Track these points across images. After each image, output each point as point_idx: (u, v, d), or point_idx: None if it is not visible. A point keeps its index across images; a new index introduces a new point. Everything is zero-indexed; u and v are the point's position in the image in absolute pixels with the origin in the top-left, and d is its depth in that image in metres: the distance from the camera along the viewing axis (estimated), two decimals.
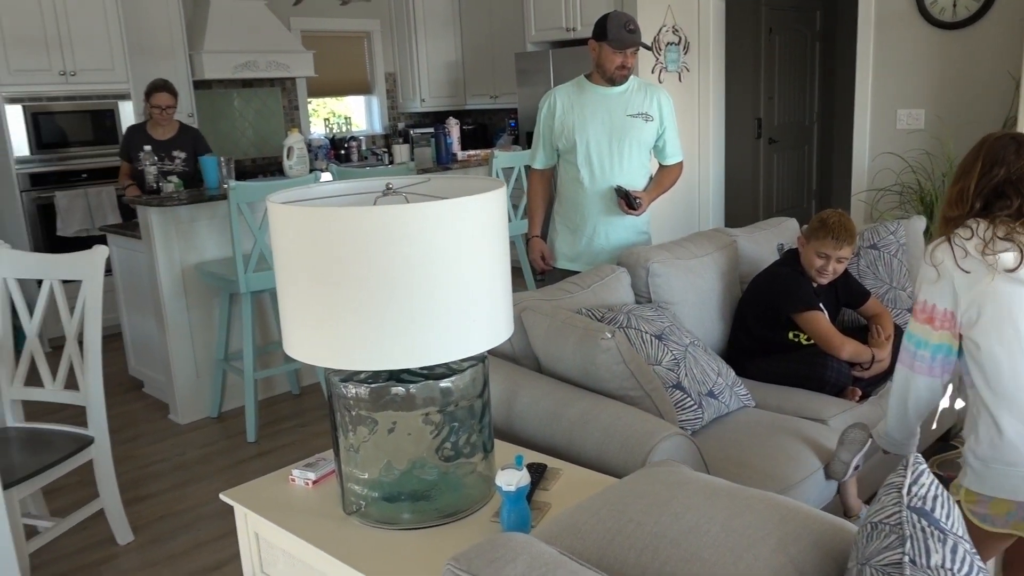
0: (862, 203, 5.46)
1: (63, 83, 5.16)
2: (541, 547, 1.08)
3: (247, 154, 6.77)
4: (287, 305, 1.61)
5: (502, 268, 1.65)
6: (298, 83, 7.03)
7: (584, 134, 3.20)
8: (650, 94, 3.26)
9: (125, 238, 4.16)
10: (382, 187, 1.75)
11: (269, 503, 1.87)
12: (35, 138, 5.16)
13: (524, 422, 2.18)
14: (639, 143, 3.24)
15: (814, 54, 7.82)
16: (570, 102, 3.23)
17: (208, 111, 6.47)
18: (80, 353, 2.78)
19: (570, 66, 6.00)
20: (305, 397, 4.39)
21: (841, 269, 2.87)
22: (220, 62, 6.04)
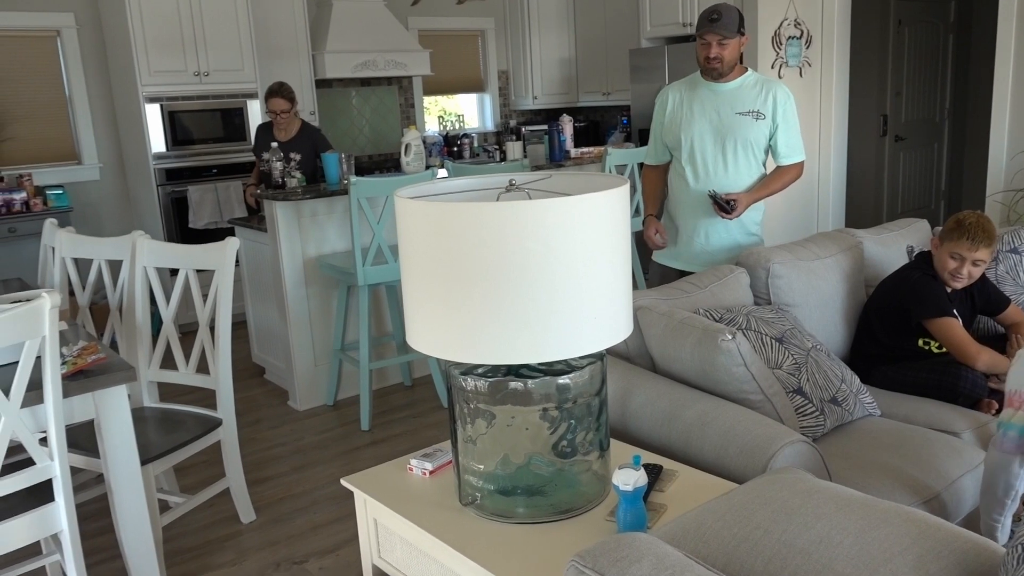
0: (998, 204, 5.13)
1: (197, 83, 5.44)
2: (666, 548, 1.06)
3: (364, 151, 6.97)
4: (411, 297, 1.65)
5: (624, 266, 1.64)
6: (414, 81, 7.18)
7: (689, 132, 3.14)
8: (766, 90, 3.13)
9: (251, 231, 4.36)
10: (505, 183, 1.77)
11: (388, 490, 1.92)
12: (171, 135, 5.46)
13: (639, 422, 2.16)
14: (747, 142, 3.12)
15: (947, 47, 7.40)
16: (681, 99, 3.18)
17: (328, 109, 6.69)
18: (211, 339, 2.93)
19: (685, 62, 5.89)
20: (416, 389, 4.48)
21: (977, 274, 2.71)
22: (341, 62, 6.23)
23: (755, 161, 3.19)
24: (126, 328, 3.14)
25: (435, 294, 1.58)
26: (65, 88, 5.66)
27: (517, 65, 7.60)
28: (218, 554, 2.90)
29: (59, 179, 5.63)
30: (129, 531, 2.52)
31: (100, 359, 2.40)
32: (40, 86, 5.57)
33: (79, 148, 5.75)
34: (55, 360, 2.15)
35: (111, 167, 5.87)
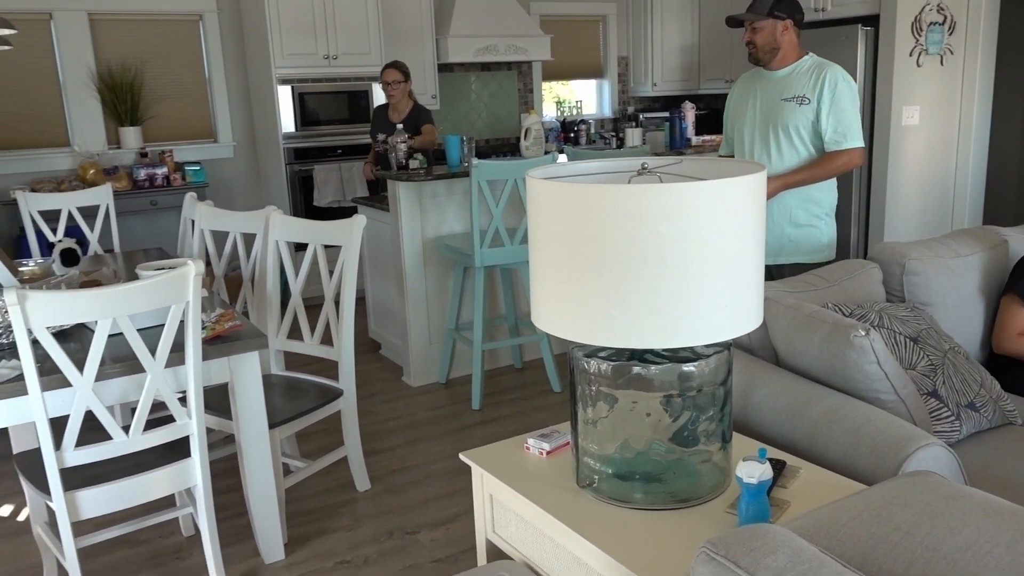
0: None
1: (325, 66, 5.63)
2: (801, 542, 1.03)
3: (481, 135, 7.04)
4: (539, 276, 1.66)
5: (757, 255, 1.60)
6: (534, 67, 7.20)
7: (740, 122, 3.17)
8: (816, 74, 3.04)
9: (374, 209, 4.48)
10: (636, 167, 1.75)
11: (505, 467, 1.95)
12: (299, 116, 5.68)
13: (761, 415, 2.11)
14: (789, 129, 3.05)
15: None
16: (740, 88, 3.23)
17: (448, 93, 6.80)
18: (336, 313, 3.04)
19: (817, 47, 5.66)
20: (526, 372, 4.52)
21: None
22: (463, 46, 6.31)
23: (803, 148, 3.07)
24: (257, 298, 3.29)
25: (564, 274, 1.58)
26: (205, 70, 5.96)
27: (637, 51, 7.50)
28: (334, 519, 3.02)
29: (197, 156, 5.94)
30: (256, 490, 2.66)
31: (236, 326, 2.53)
32: (183, 68, 5.89)
33: (215, 127, 6.05)
34: (197, 324, 2.28)
35: (244, 145, 6.16)
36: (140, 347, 2.19)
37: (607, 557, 1.58)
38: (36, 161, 5.49)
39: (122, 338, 2.33)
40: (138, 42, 5.70)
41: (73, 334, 2.57)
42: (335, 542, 2.86)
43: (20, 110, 5.44)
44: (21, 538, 2.96)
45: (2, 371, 2.23)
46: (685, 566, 1.53)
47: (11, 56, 5.32)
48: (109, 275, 3.24)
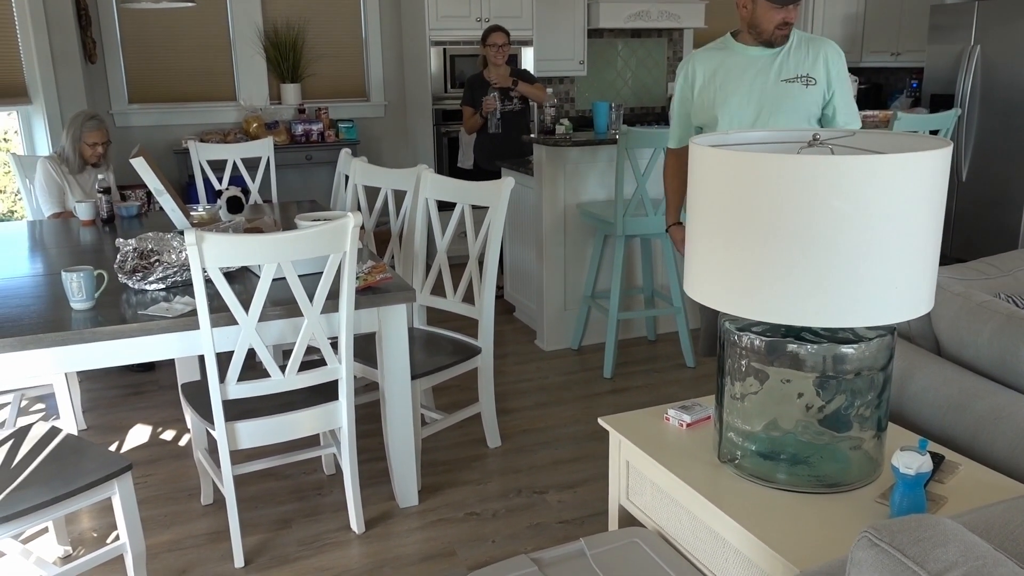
0: None
1: (477, 29, 5.68)
2: (974, 538, 0.98)
3: (626, 103, 6.94)
4: (696, 245, 1.63)
5: (934, 236, 1.51)
6: (685, 34, 7.01)
7: (727, 109, 2.69)
8: (813, 50, 2.70)
9: (517, 173, 4.52)
10: (806, 138, 1.68)
11: (643, 435, 1.94)
12: (449, 78, 5.77)
13: (918, 406, 2.00)
14: (798, 114, 2.69)
15: None
16: (711, 69, 2.73)
17: (595, 59, 6.72)
18: (479, 272, 3.10)
19: (1001, 19, 5.23)
20: (659, 344, 4.47)
21: None
22: (615, 11, 6.22)
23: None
24: (404, 254, 3.40)
25: (724, 244, 1.55)
26: (363, 31, 6.15)
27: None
28: (466, 472, 3.11)
29: (350, 114, 6.16)
30: (395, 437, 2.77)
31: (387, 278, 2.63)
32: (341, 29, 6.10)
33: (368, 86, 6.25)
34: (352, 274, 2.39)
35: (394, 105, 6.33)
36: (300, 292, 2.31)
37: (747, 534, 1.55)
38: (205, 113, 5.84)
39: (282, 283, 2.46)
40: (302, 3, 5.93)
41: (238, 277, 2.74)
42: (466, 494, 2.95)
43: (194, 65, 5.80)
44: (182, 461, 3.21)
45: (176, 306, 2.41)
46: (830, 550, 1.48)
47: (189, 14, 5.66)
48: (270, 223, 3.42)
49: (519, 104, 4.96)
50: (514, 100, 4.94)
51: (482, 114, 4.84)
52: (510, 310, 5.01)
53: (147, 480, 3.08)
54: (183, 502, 2.92)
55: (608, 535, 1.78)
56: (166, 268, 2.61)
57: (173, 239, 2.73)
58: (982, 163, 5.46)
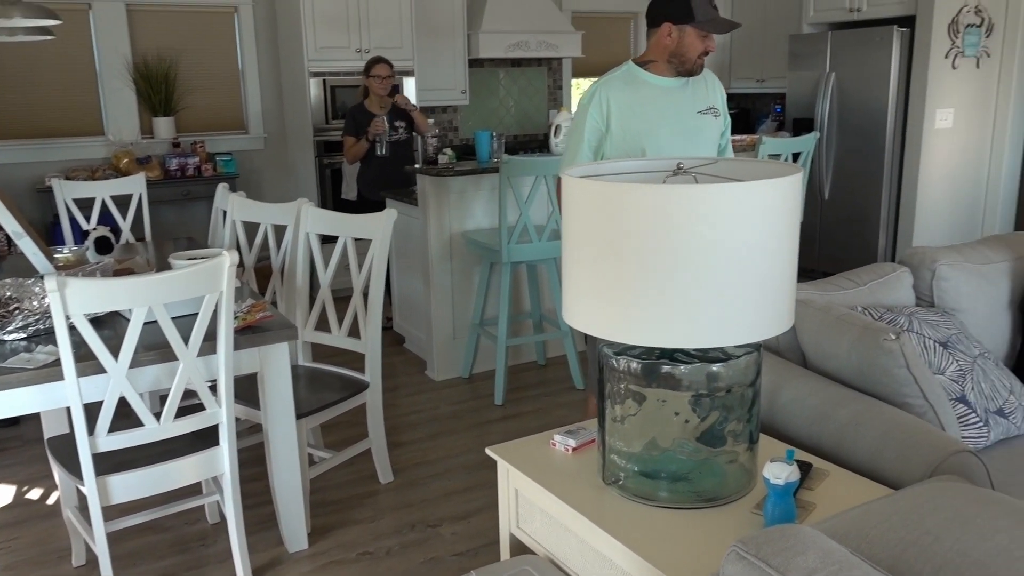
0: None
1: (358, 60, 5.66)
2: (831, 544, 1.04)
3: (509, 131, 7.05)
4: (571, 274, 1.66)
5: (790, 257, 1.60)
6: (564, 63, 7.19)
7: (655, 141, 2.61)
8: (709, 82, 2.75)
9: (402, 204, 4.51)
10: (671, 167, 1.75)
11: (531, 462, 1.96)
12: (330, 109, 5.72)
13: (788, 417, 2.10)
14: (710, 145, 2.72)
15: None
16: (627, 101, 2.61)
17: (477, 89, 6.81)
18: (364, 305, 3.06)
19: (850, 48, 5.62)
20: (549, 368, 4.53)
21: None
22: (495, 42, 6.32)
23: None
24: (286, 290, 3.33)
25: (596, 272, 1.59)
26: (238, 62, 6.03)
27: None
28: (358, 510, 3.05)
29: (228, 147, 6.01)
30: (281, 480, 2.69)
31: (267, 316, 2.56)
32: (216, 59, 5.96)
33: (247, 118, 6.12)
34: (230, 314, 2.32)
35: (274, 137, 6.21)
36: (174, 336, 2.22)
37: (632, 554, 1.58)
38: (71, 149, 5.57)
39: (155, 326, 2.37)
40: (174, 33, 5.77)
41: (107, 321, 2.62)
42: (358, 533, 2.89)
43: (57, 98, 5.53)
44: (50, 521, 3.02)
45: (39, 356, 2.27)
46: (710, 564, 1.53)
47: (50, 46, 5.40)
48: (142, 264, 3.29)
49: (405, 133, 4.96)
50: (399, 129, 4.94)
51: (368, 138, 4.79)
52: (400, 341, 4.97)
53: (11, 544, 2.87)
54: (53, 565, 2.74)
55: (499, 565, 1.78)
56: (27, 316, 2.46)
57: (35, 285, 2.58)
58: (842, 182, 5.83)
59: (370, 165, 4.95)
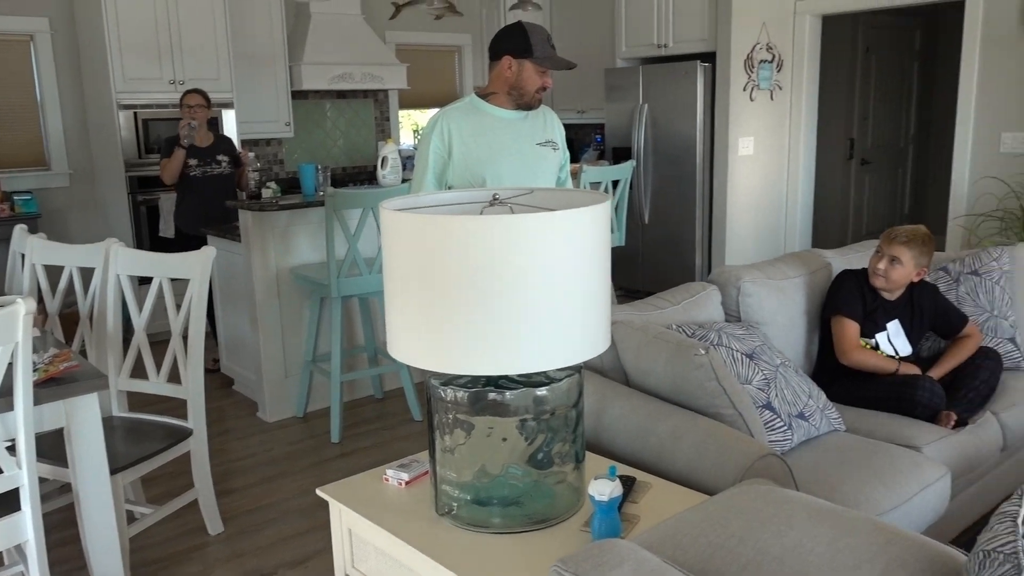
0: (960, 228, 5.28)
1: (172, 91, 5.41)
2: (645, 554, 1.09)
3: (338, 163, 6.96)
4: (393, 308, 1.66)
5: (603, 281, 1.67)
6: (390, 95, 7.21)
7: (496, 169, 2.69)
8: (548, 118, 2.87)
9: (224, 240, 4.34)
10: (488, 198, 1.79)
11: (363, 500, 1.93)
12: (144, 143, 5.42)
13: (613, 435, 2.19)
14: (550, 176, 2.85)
15: (912, 74, 7.61)
16: (469, 130, 2.70)
17: (303, 121, 6.69)
18: (184, 349, 2.91)
19: (660, 81, 5.99)
20: (387, 401, 4.48)
21: (897, 276, 2.81)
22: (318, 73, 6.24)
23: None
24: (96, 336, 3.10)
25: (417, 305, 1.60)
26: (36, 93, 5.60)
27: None
28: (185, 565, 2.88)
29: (27, 185, 5.55)
30: (96, 542, 2.49)
31: (72, 367, 2.38)
32: (11, 91, 5.51)
33: (48, 154, 5.69)
34: (27, 367, 2.13)
35: (81, 174, 5.81)
36: None
37: None
38: None
39: None
40: None
41: None
42: None
43: None
44: None
45: None
46: None
47: None
48: None
49: (228, 167, 4.79)
50: (221, 162, 4.76)
51: (181, 142, 4.57)
52: (228, 384, 4.75)
53: None
54: None
55: None
56: None
57: None
58: (660, 207, 6.17)
59: (186, 197, 4.74)
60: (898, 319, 2.90)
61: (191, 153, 4.65)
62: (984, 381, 2.81)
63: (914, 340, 2.92)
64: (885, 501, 2.15)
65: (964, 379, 2.81)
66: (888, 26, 7.15)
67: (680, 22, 5.94)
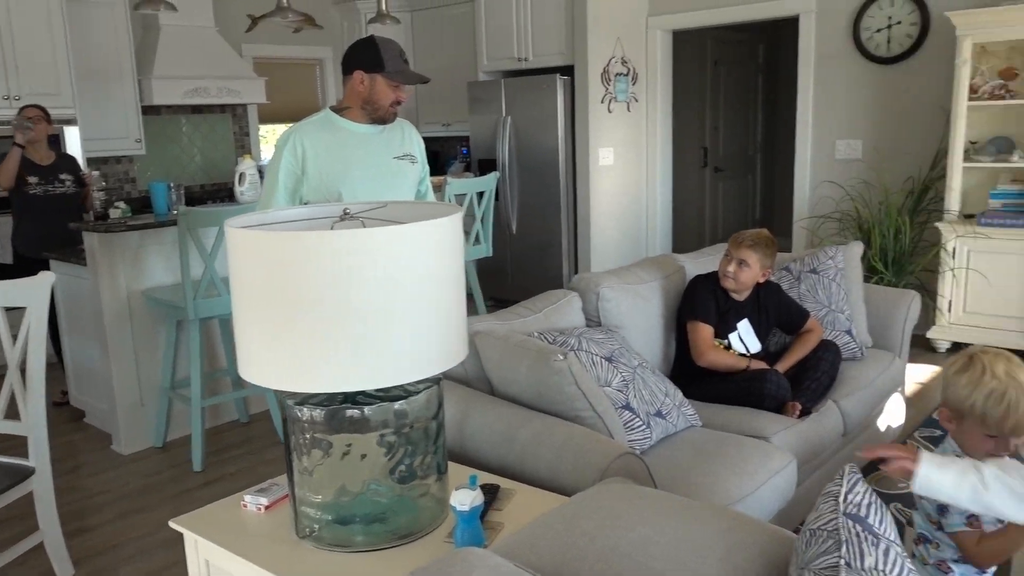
0: (804, 230, 5.63)
1: (7, 107, 5.06)
2: (497, 560, 1.10)
3: (195, 180, 6.71)
4: (243, 328, 1.62)
5: (457, 292, 1.68)
6: (249, 109, 7.01)
7: (350, 184, 2.67)
8: (406, 131, 2.87)
9: (68, 264, 4.08)
10: (339, 213, 1.77)
11: (220, 529, 1.86)
12: None
13: (477, 444, 2.20)
14: (409, 190, 2.85)
15: (757, 86, 8.07)
16: (323, 145, 2.67)
17: (157, 137, 6.40)
18: (22, 382, 2.72)
19: (521, 94, 6.10)
20: (253, 425, 4.33)
21: (745, 277, 2.98)
22: (170, 88, 5.99)
23: None
24: None
25: (268, 324, 1.56)
26: None
27: None
28: None
29: None
30: None
31: None
32: None
33: None
34: None
35: None
36: None
37: None
38: None
39: None
40: None
41: None
42: None
43: None
44: None
45: None
46: None
47: None
48: None
49: (72, 186, 4.51)
50: (64, 181, 4.48)
51: (15, 140, 4.29)
52: (79, 416, 4.47)
53: None
54: None
55: None
56: None
57: None
58: (527, 217, 6.27)
59: (24, 218, 4.44)
60: (747, 318, 3.06)
61: (31, 170, 4.37)
62: (825, 372, 3.01)
63: (762, 337, 3.09)
64: (737, 490, 2.26)
65: (807, 371, 3.00)
66: (734, 41, 7.56)
67: (539, 36, 6.07)
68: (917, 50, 5.03)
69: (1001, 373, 1.50)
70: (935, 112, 4.97)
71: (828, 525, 1.11)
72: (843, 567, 1.05)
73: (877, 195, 5.21)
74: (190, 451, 3.88)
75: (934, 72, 4.96)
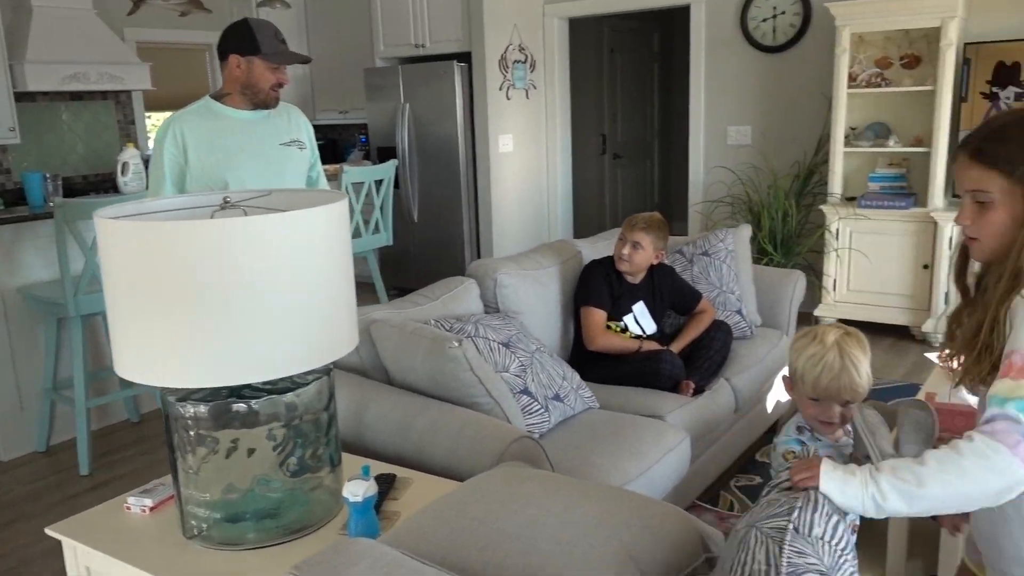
0: (699, 214, 5.80)
1: None
2: (384, 549, 1.09)
3: (77, 171, 6.37)
4: (117, 324, 1.54)
5: (344, 280, 1.65)
6: (134, 96, 6.70)
7: (237, 172, 2.62)
8: (292, 116, 2.82)
9: None
10: (219, 201, 1.71)
11: (102, 534, 1.78)
12: None
13: (374, 434, 2.17)
14: (298, 177, 2.80)
15: (653, 73, 8.23)
16: (204, 133, 2.61)
17: (33, 125, 6.04)
18: None
19: (420, 81, 6.04)
20: (145, 424, 4.17)
21: (639, 259, 3.04)
22: (45, 73, 5.66)
23: None
24: None
25: (143, 318, 1.49)
26: None
27: None
28: None
29: None
30: None
31: None
32: None
33: None
34: None
35: None
36: None
37: None
38: None
39: None
40: None
41: None
42: None
43: None
44: None
45: None
46: None
47: None
48: None
49: None
50: None
51: None
52: None
53: None
54: None
55: None
56: None
57: None
58: (428, 205, 6.23)
59: None
60: (642, 300, 3.12)
61: None
62: (717, 351, 3.11)
63: (657, 318, 3.17)
64: (632, 469, 2.31)
65: (700, 350, 3.09)
66: (629, 29, 7.68)
67: (436, 22, 6.02)
68: (800, 39, 5.23)
69: (829, 341, 1.56)
70: (818, 99, 5.19)
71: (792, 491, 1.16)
72: (790, 531, 1.09)
73: (766, 179, 5.40)
74: (76, 454, 3.71)
75: (817, 61, 5.16)
